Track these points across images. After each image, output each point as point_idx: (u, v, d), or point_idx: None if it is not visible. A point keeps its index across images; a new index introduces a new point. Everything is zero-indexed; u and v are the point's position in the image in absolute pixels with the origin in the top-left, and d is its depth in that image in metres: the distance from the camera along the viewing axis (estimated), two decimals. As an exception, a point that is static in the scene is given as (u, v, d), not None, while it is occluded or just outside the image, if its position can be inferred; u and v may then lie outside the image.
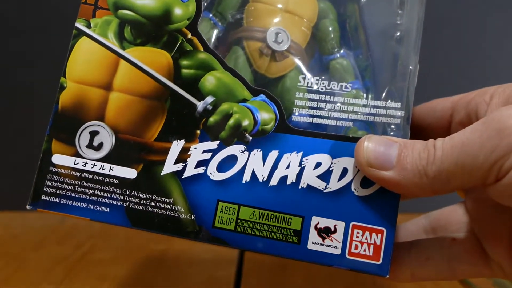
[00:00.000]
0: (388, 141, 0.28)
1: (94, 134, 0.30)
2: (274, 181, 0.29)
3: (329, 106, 0.31)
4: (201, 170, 0.30)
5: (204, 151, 0.30)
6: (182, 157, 0.30)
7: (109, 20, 0.32)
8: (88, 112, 0.31)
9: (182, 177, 0.30)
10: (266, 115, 0.30)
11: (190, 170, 0.30)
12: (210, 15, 0.33)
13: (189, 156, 0.30)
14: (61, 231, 0.54)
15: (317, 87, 0.31)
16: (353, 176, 0.29)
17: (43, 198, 0.30)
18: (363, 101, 0.31)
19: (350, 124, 0.30)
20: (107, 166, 0.30)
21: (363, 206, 0.29)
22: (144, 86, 0.31)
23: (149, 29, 0.31)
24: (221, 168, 0.30)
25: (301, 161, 0.29)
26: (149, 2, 0.31)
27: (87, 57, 0.31)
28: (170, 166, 0.30)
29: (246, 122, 0.30)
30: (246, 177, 0.30)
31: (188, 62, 0.31)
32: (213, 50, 0.31)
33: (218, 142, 0.30)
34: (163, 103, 0.31)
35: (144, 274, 0.46)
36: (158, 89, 0.31)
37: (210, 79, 0.31)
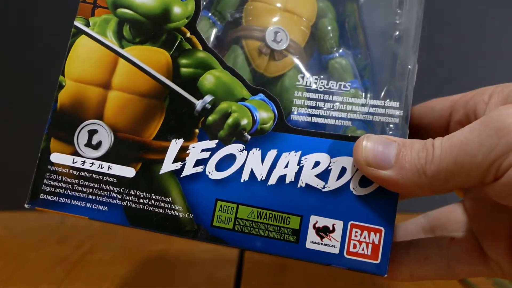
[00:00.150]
0: (386, 140, 0.27)
1: (92, 132, 0.30)
2: (272, 180, 0.29)
3: (328, 105, 0.31)
4: (199, 169, 0.30)
5: (202, 150, 0.30)
6: (181, 156, 0.30)
7: (108, 18, 0.32)
8: (86, 110, 0.31)
9: (181, 176, 0.30)
10: (265, 114, 0.30)
11: (189, 169, 0.30)
12: (209, 14, 0.33)
13: (187, 155, 0.30)
14: (61, 231, 0.54)
15: (316, 86, 0.31)
16: (351, 175, 0.29)
17: (42, 196, 0.30)
18: (362, 100, 0.31)
19: (348, 123, 0.30)
20: (106, 164, 0.30)
21: (362, 205, 0.29)
22: (142, 85, 0.31)
23: (148, 27, 0.31)
24: (219, 167, 0.30)
25: (299, 160, 0.29)
26: (148, 1, 0.31)
27: (86, 55, 0.31)
28: (168, 165, 0.30)
29: (244, 121, 0.30)
30: (245, 176, 0.29)
31: (187, 61, 0.31)
32: (212, 49, 0.31)
33: (216, 141, 0.30)
34: (162, 102, 0.31)
35: (144, 274, 0.45)
36: (157, 88, 0.31)
37: (209, 78, 0.31)
